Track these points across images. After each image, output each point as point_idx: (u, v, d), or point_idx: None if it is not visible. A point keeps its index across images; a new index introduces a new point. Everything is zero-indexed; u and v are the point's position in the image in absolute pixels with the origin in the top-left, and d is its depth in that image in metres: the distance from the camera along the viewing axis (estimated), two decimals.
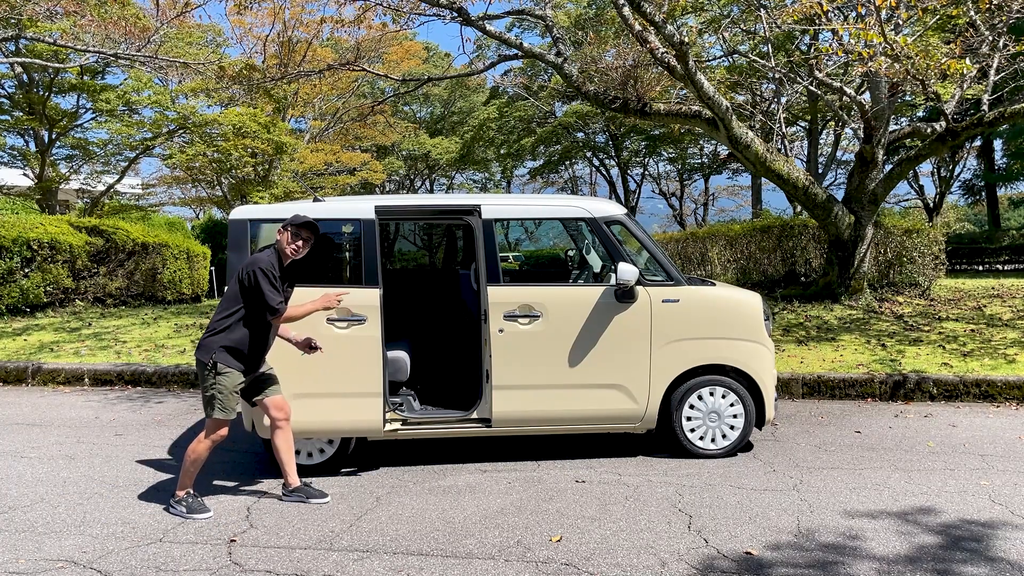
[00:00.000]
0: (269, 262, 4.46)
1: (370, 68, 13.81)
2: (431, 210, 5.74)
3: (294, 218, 4.56)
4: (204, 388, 4.48)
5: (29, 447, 5.98)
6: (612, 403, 5.25)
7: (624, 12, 9.22)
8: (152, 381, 8.46)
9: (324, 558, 3.82)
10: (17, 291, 11.64)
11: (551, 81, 27.37)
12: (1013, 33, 12.13)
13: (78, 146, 24.28)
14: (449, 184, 42.03)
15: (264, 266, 4.43)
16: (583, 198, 6.05)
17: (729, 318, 5.38)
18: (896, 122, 19.85)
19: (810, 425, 6.41)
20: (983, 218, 37.19)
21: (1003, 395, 7.16)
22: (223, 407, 4.45)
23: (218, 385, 4.43)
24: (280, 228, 4.57)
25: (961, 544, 3.89)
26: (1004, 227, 31.02)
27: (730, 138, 10.04)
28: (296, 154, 23.54)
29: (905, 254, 11.72)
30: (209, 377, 4.43)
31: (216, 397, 4.43)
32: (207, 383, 4.45)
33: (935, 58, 7.78)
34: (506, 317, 5.13)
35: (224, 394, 4.44)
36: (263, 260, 4.47)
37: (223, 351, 4.43)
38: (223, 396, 4.44)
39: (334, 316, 4.97)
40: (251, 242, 5.08)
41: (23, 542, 4.05)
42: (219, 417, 4.45)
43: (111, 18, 12.82)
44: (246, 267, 4.48)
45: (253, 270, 4.42)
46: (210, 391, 4.45)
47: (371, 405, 4.97)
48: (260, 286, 4.40)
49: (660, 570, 3.64)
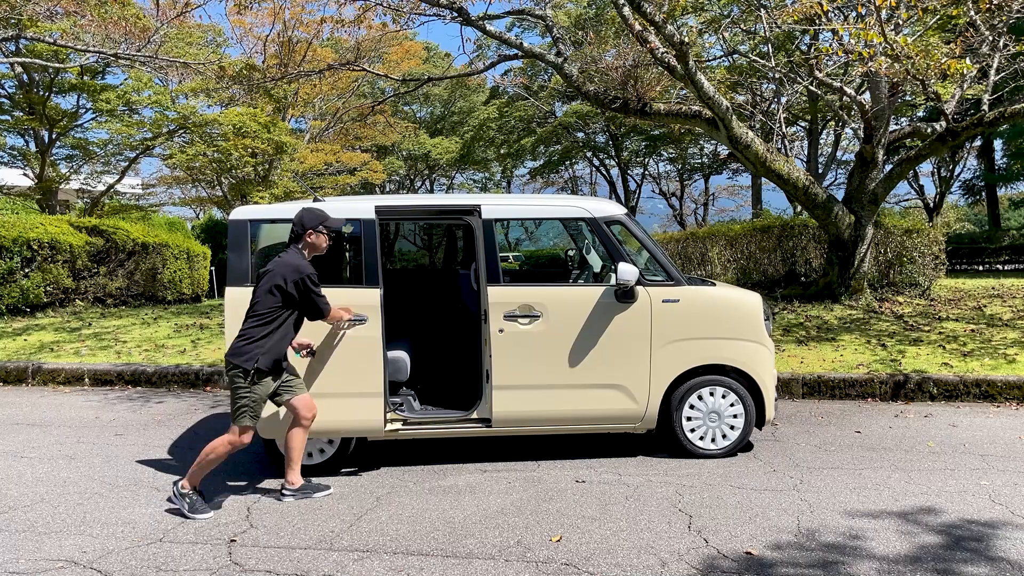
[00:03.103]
0: (312, 268, 4.51)
1: (370, 68, 13.82)
2: (431, 210, 5.74)
3: (332, 221, 4.63)
4: (237, 395, 4.42)
5: (29, 447, 5.98)
6: (612, 403, 5.24)
7: (624, 12, 9.23)
8: (152, 381, 8.46)
9: (324, 558, 3.82)
10: (17, 291, 11.64)
11: (551, 81, 27.40)
12: (1013, 33, 12.13)
13: (78, 146, 24.29)
14: (449, 184, 42.03)
15: (310, 273, 4.47)
16: (583, 198, 6.05)
17: (729, 318, 5.37)
18: (896, 122, 19.84)
19: (810, 425, 6.41)
20: (983, 218, 37.21)
21: (1003, 395, 7.16)
22: (254, 414, 4.45)
23: (253, 394, 4.41)
24: (313, 231, 4.57)
25: (962, 544, 3.89)
26: (1004, 227, 31.02)
27: (730, 138, 10.03)
28: (296, 154, 23.55)
29: (905, 254, 11.72)
30: (245, 385, 4.40)
31: (248, 405, 4.41)
32: (241, 391, 4.40)
33: (935, 58, 7.77)
34: (506, 317, 5.13)
35: (257, 402, 4.44)
36: (307, 267, 4.49)
37: (264, 358, 4.40)
38: (256, 404, 4.44)
39: None
40: (251, 242, 5.08)
41: (23, 542, 4.05)
42: (248, 425, 4.45)
43: (111, 18, 12.81)
44: (291, 275, 4.42)
45: (302, 278, 4.43)
46: (244, 399, 4.41)
47: (372, 405, 4.97)
48: (313, 293, 4.46)
49: (660, 570, 3.64)
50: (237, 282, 5.01)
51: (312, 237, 4.57)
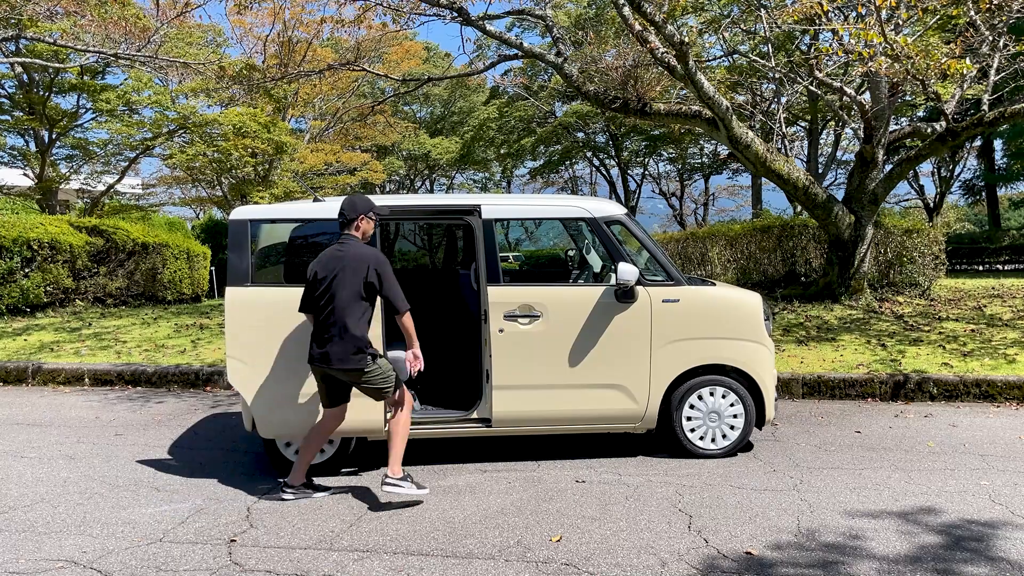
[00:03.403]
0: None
1: (370, 68, 13.82)
2: (431, 210, 5.74)
3: (381, 207, 4.73)
4: (367, 385, 4.52)
5: (29, 447, 5.98)
6: (612, 403, 5.24)
7: (624, 12, 9.22)
8: (152, 381, 8.46)
9: (324, 558, 3.82)
10: (17, 291, 11.64)
11: (551, 81, 27.40)
12: (1013, 33, 12.13)
13: (78, 146, 24.28)
14: (449, 184, 42.03)
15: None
16: (583, 198, 6.05)
17: (729, 318, 5.37)
18: (896, 122, 19.84)
19: (810, 425, 6.41)
20: (983, 218, 37.20)
21: (1003, 395, 7.16)
22: (391, 380, 4.56)
23: (380, 368, 4.52)
24: (365, 216, 4.61)
25: (962, 544, 3.89)
26: (1004, 227, 31.03)
27: (730, 138, 10.03)
28: (296, 154, 23.54)
29: (905, 254, 11.72)
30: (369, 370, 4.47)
31: (385, 376, 4.52)
32: (368, 376, 4.48)
33: (935, 58, 7.77)
34: (506, 317, 5.13)
35: (385, 373, 4.53)
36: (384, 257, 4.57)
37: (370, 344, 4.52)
38: (386, 375, 4.53)
39: None
40: (251, 242, 5.08)
41: (23, 542, 4.05)
42: (396, 389, 4.58)
43: (111, 18, 12.81)
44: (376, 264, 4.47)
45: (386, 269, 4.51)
46: (375, 382, 4.51)
47: (372, 405, 4.97)
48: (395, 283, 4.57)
49: (660, 570, 3.64)
50: (238, 282, 5.01)
51: (364, 222, 4.63)
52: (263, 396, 4.93)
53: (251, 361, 4.94)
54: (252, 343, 4.94)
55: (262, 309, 4.97)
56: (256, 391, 4.93)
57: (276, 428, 4.97)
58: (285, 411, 4.95)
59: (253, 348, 4.94)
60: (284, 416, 4.95)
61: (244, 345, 4.94)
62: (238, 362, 4.95)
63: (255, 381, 4.93)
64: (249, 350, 4.94)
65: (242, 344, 4.94)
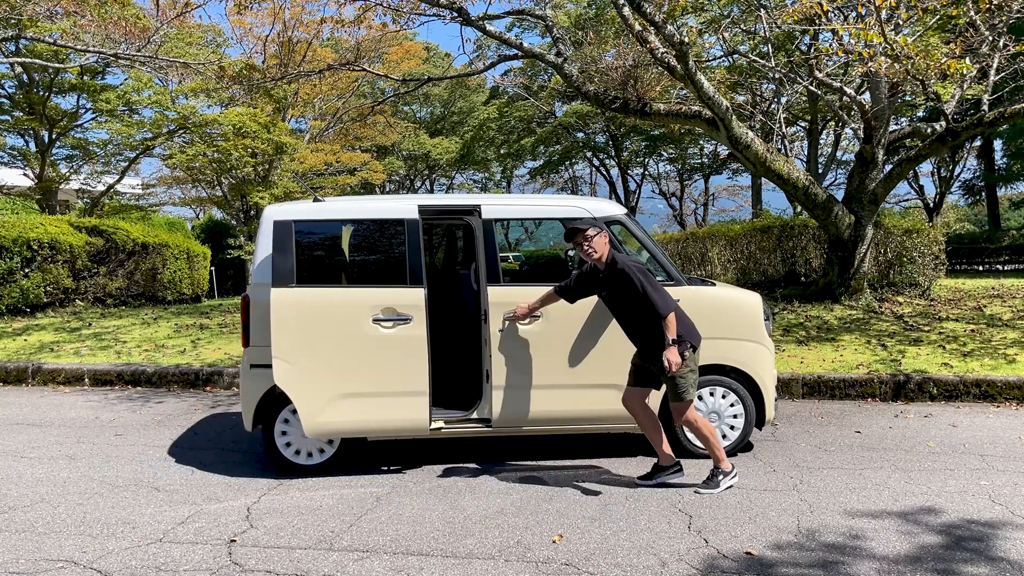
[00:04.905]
0: None
1: (370, 68, 13.81)
2: (431, 210, 5.74)
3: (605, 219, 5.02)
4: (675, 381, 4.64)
5: (29, 447, 5.98)
6: (612, 403, 5.23)
7: (624, 12, 9.22)
8: (152, 381, 8.46)
9: (324, 558, 3.82)
10: (17, 291, 11.64)
11: (551, 81, 27.39)
12: (1013, 33, 12.13)
13: (78, 146, 24.28)
14: (449, 184, 42.04)
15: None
16: (583, 198, 6.05)
17: (729, 318, 5.38)
18: (896, 122, 19.85)
19: (810, 425, 6.41)
20: (983, 218, 37.21)
21: (1003, 395, 7.15)
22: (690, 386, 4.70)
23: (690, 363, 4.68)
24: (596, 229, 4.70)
25: (962, 544, 3.89)
26: (1004, 227, 31.02)
27: (730, 138, 10.03)
28: (296, 154, 23.54)
29: (905, 254, 11.72)
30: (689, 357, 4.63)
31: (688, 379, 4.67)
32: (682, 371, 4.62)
33: (935, 58, 7.77)
34: (506, 317, 5.13)
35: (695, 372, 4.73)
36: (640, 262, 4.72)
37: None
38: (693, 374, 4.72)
39: (380, 316, 4.96)
40: (295, 243, 5.02)
41: (23, 542, 4.05)
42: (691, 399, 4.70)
43: (111, 18, 12.81)
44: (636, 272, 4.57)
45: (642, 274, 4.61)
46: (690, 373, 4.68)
47: (417, 404, 4.95)
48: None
49: (660, 570, 3.64)
50: (282, 283, 4.94)
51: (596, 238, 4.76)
52: (309, 396, 4.90)
53: (297, 362, 4.90)
54: (298, 344, 4.89)
55: (307, 309, 4.95)
56: (302, 391, 4.90)
57: (322, 428, 4.93)
58: (330, 411, 4.92)
59: (299, 349, 4.89)
60: (329, 416, 4.93)
61: (290, 346, 4.90)
62: (284, 363, 4.88)
63: (301, 381, 4.91)
64: (295, 351, 4.89)
65: (288, 345, 4.89)
